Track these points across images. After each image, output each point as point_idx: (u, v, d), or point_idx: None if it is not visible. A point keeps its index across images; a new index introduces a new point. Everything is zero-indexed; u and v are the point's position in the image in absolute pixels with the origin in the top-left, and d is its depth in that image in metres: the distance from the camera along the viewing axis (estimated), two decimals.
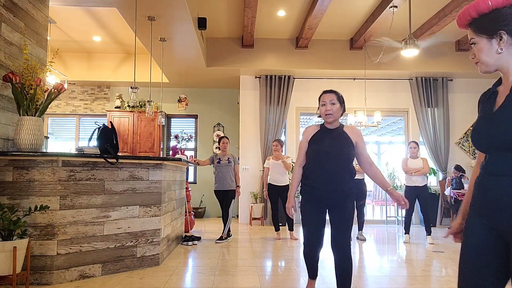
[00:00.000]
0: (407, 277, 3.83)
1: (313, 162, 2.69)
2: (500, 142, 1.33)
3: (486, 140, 1.39)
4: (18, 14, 3.76)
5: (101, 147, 3.61)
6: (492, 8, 1.36)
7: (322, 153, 2.65)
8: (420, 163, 5.90)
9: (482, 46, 1.40)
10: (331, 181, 2.62)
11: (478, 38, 1.41)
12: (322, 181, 2.63)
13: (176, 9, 5.18)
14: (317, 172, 2.65)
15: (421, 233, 6.68)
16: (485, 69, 1.42)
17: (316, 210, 2.70)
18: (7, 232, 2.97)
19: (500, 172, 1.35)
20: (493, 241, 1.38)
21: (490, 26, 1.37)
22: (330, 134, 2.70)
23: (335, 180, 2.62)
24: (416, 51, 5.46)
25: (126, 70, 8.53)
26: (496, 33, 1.35)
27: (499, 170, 1.35)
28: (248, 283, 3.51)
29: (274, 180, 6.14)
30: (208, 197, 9.01)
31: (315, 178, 2.67)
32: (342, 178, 2.63)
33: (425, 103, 8.15)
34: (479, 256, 1.41)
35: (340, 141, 2.66)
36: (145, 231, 4.00)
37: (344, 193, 2.64)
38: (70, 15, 6.61)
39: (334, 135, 2.69)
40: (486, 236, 1.40)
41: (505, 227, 1.34)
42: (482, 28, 1.39)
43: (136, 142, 8.57)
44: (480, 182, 1.44)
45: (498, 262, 1.38)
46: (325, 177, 2.63)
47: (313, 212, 2.71)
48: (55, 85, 3.65)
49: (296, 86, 8.19)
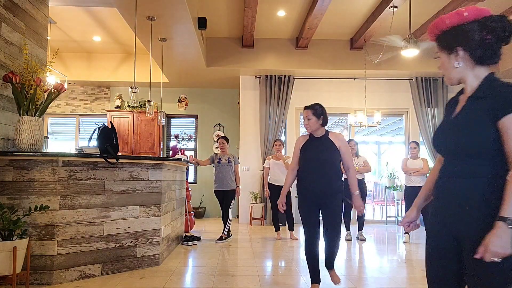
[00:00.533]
0: (407, 277, 3.83)
1: (305, 166, 3.22)
2: (455, 146, 1.43)
3: (444, 144, 1.49)
4: (18, 14, 3.76)
5: (101, 147, 3.61)
6: (450, 26, 1.45)
7: (311, 159, 3.19)
8: (420, 164, 5.90)
9: (443, 60, 1.51)
10: (320, 181, 3.13)
11: (440, 53, 1.52)
12: (313, 182, 3.15)
13: (176, 9, 5.18)
14: (308, 174, 3.18)
15: (421, 233, 6.68)
16: (449, 81, 1.52)
17: (310, 207, 3.19)
18: (7, 232, 2.97)
19: (455, 175, 1.43)
20: (451, 242, 1.45)
21: (449, 42, 1.47)
22: (317, 142, 3.22)
23: (324, 181, 3.13)
24: (416, 51, 5.46)
25: (126, 70, 8.53)
26: (454, 49, 1.45)
27: (454, 172, 1.44)
28: (248, 283, 3.51)
29: (275, 180, 6.15)
30: (208, 197, 9.01)
31: (307, 180, 3.19)
32: (330, 178, 3.13)
33: (425, 103, 8.15)
34: (441, 257, 1.48)
35: (326, 147, 3.19)
36: (145, 231, 4.00)
37: (332, 191, 3.14)
38: (70, 15, 6.61)
39: (320, 143, 3.21)
40: (445, 237, 1.46)
41: (456, 227, 1.41)
42: (443, 44, 1.50)
43: (136, 142, 8.57)
44: (437, 184, 1.52)
45: (459, 263, 1.44)
46: (315, 179, 3.14)
47: (309, 209, 3.20)
48: (55, 85, 3.65)
49: (296, 86, 8.19)
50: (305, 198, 3.22)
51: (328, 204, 3.16)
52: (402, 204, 7.69)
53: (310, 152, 3.21)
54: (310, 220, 3.19)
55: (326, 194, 3.15)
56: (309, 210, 3.19)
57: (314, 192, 3.16)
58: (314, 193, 3.16)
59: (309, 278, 3.26)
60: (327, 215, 3.19)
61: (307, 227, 3.20)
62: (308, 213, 3.19)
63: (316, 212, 3.20)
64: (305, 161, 3.22)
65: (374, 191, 9.90)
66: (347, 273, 3.96)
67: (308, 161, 3.19)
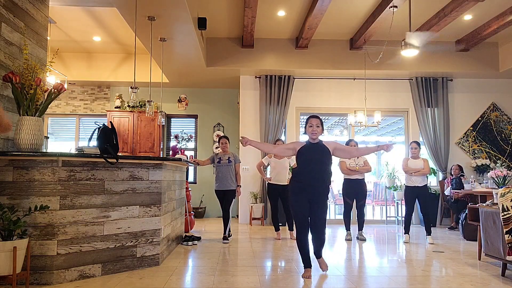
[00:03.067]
0: (407, 277, 3.83)
1: (302, 166, 3.74)
2: None
3: None
4: (18, 14, 3.76)
5: (101, 147, 3.60)
6: None
7: (308, 160, 3.70)
8: (421, 164, 5.89)
9: None
10: (314, 179, 3.69)
11: None
12: (308, 179, 3.70)
13: (176, 9, 5.18)
14: (305, 173, 3.71)
15: (421, 233, 6.67)
16: None
17: (304, 202, 3.72)
18: (7, 232, 2.98)
19: None
20: None
21: None
22: (314, 147, 3.77)
23: (319, 179, 3.70)
24: (416, 51, 5.46)
25: (126, 70, 8.53)
26: None
27: None
28: (248, 283, 3.51)
29: (276, 180, 6.14)
30: (208, 197, 9.01)
31: (303, 177, 3.73)
32: (324, 177, 3.73)
33: (425, 103, 8.15)
34: None
35: (321, 151, 3.74)
36: (145, 231, 4.00)
37: (323, 189, 3.76)
38: (70, 15, 6.61)
39: (316, 148, 3.76)
40: None
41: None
42: None
43: (136, 142, 8.58)
44: None
45: None
46: (311, 177, 3.69)
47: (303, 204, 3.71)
48: (55, 85, 3.65)
49: (296, 86, 8.19)
50: (300, 194, 3.72)
51: (319, 200, 3.73)
52: (402, 204, 7.70)
53: (308, 154, 3.72)
54: (303, 214, 3.71)
55: (319, 191, 3.72)
56: (303, 205, 3.70)
57: (309, 189, 3.70)
58: (308, 190, 3.70)
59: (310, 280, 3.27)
60: (317, 210, 3.73)
61: (300, 220, 3.71)
62: (301, 208, 3.70)
63: (308, 206, 3.73)
64: (302, 162, 3.73)
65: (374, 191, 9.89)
66: (347, 273, 3.96)
67: (306, 161, 3.71)
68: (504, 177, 6.01)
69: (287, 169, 6.20)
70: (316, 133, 3.72)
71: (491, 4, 6.15)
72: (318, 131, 3.74)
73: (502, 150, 8.33)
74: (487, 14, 6.56)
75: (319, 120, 3.78)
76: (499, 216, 3.75)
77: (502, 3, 6.16)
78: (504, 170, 6.09)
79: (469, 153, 8.30)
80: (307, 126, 3.78)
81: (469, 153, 8.30)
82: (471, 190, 6.59)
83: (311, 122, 3.75)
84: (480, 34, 7.14)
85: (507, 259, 3.62)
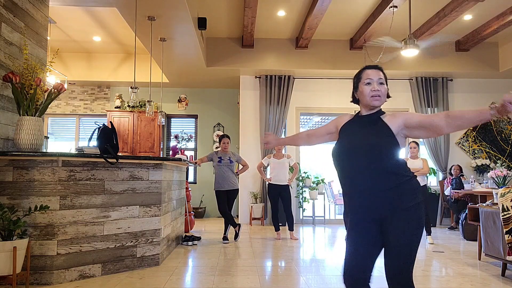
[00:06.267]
0: None
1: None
2: None
3: None
4: (18, 14, 3.76)
5: (101, 147, 3.60)
6: None
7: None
8: (420, 163, 5.89)
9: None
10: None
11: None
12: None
13: (176, 9, 5.18)
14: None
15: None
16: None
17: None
18: (7, 232, 2.98)
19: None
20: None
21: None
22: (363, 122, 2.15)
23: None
24: (416, 51, 5.46)
25: (126, 70, 8.53)
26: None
27: None
28: (248, 283, 3.52)
29: (276, 180, 6.13)
30: (208, 197, 9.01)
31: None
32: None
33: (425, 103, 8.15)
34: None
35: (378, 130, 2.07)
36: (145, 231, 4.00)
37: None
38: (70, 15, 6.61)
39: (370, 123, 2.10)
40: None
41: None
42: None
43: (136, 142, 8.57)
44: None
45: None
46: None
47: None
48: (55, 85, 3.65)
49: (296, 86, 8.19)
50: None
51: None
52: None
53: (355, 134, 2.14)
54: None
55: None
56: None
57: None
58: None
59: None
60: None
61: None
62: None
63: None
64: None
65: None
66: None
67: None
68: (504, 177, 6.01)
69: (287, 169, 6.20)
70: (379, 95, 2.10)
71: (491, 4, 6.15)
72: (383, 92, 2.12)
73: (502, 150, 8.33)
74: (487, 14, 6.56)
75: (382, 74, 2.13)
76: (499, 216, 3.75)
77: (502, 3, 6.16)
78: (504, 170, 6.10)
79: (469, 153, 8.30)
80: (363, 85, 2.11)
81: (469, 153, 8.30)
82: (471, 190, 6.59)
83: (369, 76, 2.09)
84: (480, 34, 7.14)
85: (507, 259, 3.62)
